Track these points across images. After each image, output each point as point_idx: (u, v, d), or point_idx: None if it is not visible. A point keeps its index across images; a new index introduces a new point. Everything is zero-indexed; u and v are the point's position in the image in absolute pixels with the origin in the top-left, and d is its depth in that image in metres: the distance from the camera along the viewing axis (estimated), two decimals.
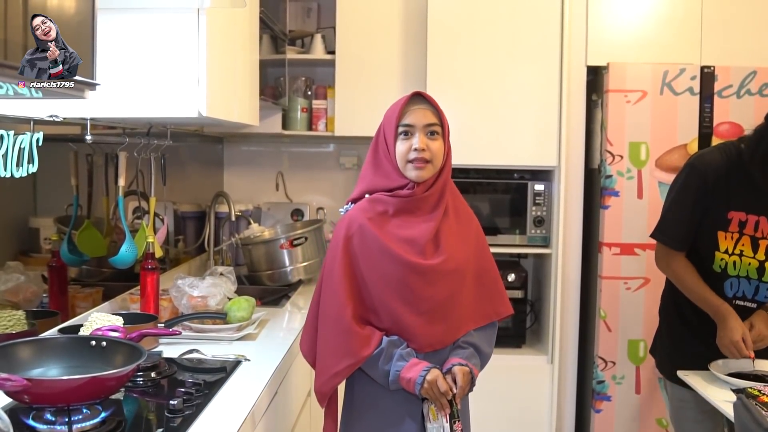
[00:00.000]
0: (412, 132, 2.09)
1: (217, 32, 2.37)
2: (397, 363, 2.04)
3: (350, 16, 3.92)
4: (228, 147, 4.42)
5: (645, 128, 3.55)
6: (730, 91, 3.50)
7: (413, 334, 2.09)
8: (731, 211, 2.56)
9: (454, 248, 2.12)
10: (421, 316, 2.08)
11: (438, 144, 2.10)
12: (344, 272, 2.08)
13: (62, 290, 2.54)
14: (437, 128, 2.11)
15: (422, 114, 2.10)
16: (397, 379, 2.04)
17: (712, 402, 2.31)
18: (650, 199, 3.55)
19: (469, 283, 2.16)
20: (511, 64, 3.71)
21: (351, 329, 2.04)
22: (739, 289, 2.61)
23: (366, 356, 2.04)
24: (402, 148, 2.09)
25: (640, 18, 3.72)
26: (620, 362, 3.63)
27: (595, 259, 3.71)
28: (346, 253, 2.09)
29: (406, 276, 2.06)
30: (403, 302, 2.07)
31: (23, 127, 1.86)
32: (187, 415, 1.83)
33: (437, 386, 2.01)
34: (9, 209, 2.30)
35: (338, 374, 2.07)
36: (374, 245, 2.08)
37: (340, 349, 2.06)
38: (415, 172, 2.08)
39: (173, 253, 3.57)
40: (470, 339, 2.16)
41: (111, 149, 2.66)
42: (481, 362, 2.18)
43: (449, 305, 2.11)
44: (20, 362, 1.78)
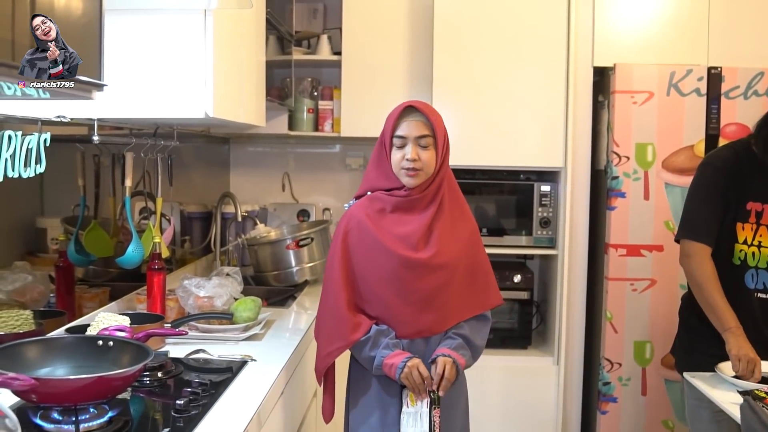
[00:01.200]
0: (405, 143, 2.24)
1: (224, 33, 2.37)
2: (383, 351, 2.22)
3: (356, 17, 3.92)
4: (234, 148, 4.43)
5: (651, 129, 3.55)
6: (737, 92, 3.50)
7: (402, 322, 2.26)
8: (749, 202, 2.61)
9: (446, 243, 2.27)
10: (411, 306, 2.26)
11: (429, 154, 2.24)
12: (342, 264, 2.27)
13: (69, 290, 2.55)
14: (429, 139, 2.24)
15: (414, 126, 2.24)
16: (381, 364, 2.21)
17: (718, 403, 2.31)
18: (657, 200, 3.55)
19: (459, 276, 2.30)
20: (518, 65, 3.71)
21: (343, 315, 2.24)
22: (759, 280, 2.64)
23: (354, 340, 2.23)
24: (396, 157, 2.25)
25: (646, 19, 3.71)
26: (626, 364, 3.62)
27: (602, 260, 3.71)
28: (345, 246, 2.28)
29: (398, 269, 2.23)
30: (394, 293, 2.25)
31: (31, 127, 1.87)
32: (194, 415, 1.83)
33: (417, 371, 2.18)
34: (16, 209, 2.31)
35: (330, 354, 2.27)
36: (369, 240, 2.26)
37: (333, 332, 2.27)
38: (408, 180, 2.25)
39: (180, 253, 3.58)
40: (461, 331, 2.32)
41: (118, 150, 2.67)
42: (472, 354, 2.32)
43: (438, 296, 2.27)
44: (28, 362, 1.78)
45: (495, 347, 3.83)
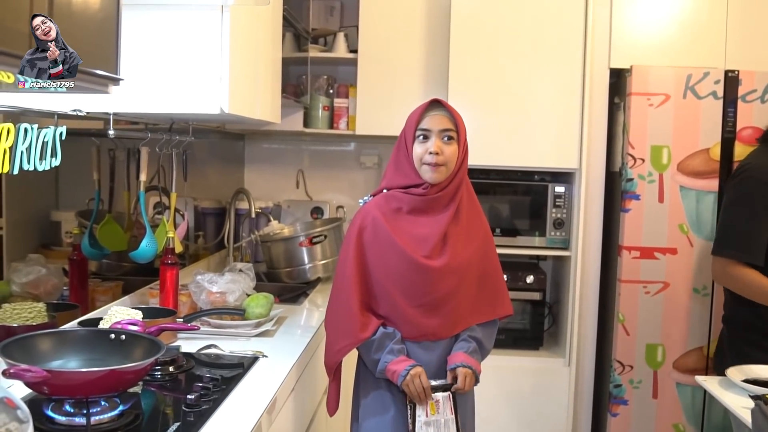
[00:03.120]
0: (429, 136, 2.23)
1: (241, 30, 2.38)
2: (387, 356, 2.23)
3: (373, 15, 3.92)
4: (249, 144, 4.44)
5: (667, 132, 3.53)
6: (754, 95, 3.47)
7: (408, 323, 2.26)
8: None
9: (459, 249, 2.27)
10: (418, 309, 2.26)
11: (452, 148, 2.24)
12: (355, 261, 2.27)
13: (82, 283, 2.56)
14: (453, 133, 2.25)
15: (439, 120, 2.24)
16: (384, 369, 2.23)
17: (729, 408, 2.30)
18: (671, 202, 3.53)
19: (470, 282, 2.30)
20: (534, 66, 3.70)
21: (354, 313, 2.24)
22: None
23: (363, 339, 2.24)
24: (419, 151, 2.24)
25: (664, 21, 3.69)
26: (638, 366, 3.61)
27: (615, 262, 3.69)
28: (359, 243, 2.28)
29: (409, 271, 2.23)
30: (402, 294, 2.25)
31: (47, 120, 1.88)
32: (204, 410, 1.84)
33: (419, 380, 2.19)
34: (31, 202, 2.33)
35: (340, 351, 2.27)
36: (384, 239, 2.26)
37: (343, 329, 2.27)
38: (430, 174, 2.23)
39: (193, 248, 3.59)
40: (474, 334, 2.32)
41: (133, 144, 2.68)
42: (481, 356, 2.35)
43: (446, 303, 2.27)
44: (40, 354, 1.79)
45: (507, 348, 3.83)
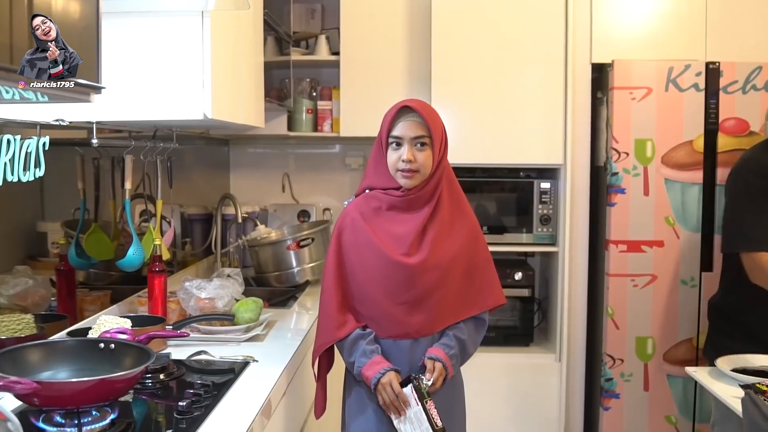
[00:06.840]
0: (401, 143, 2.23)
1: (222, 34, 2.37)
2: (360, 358, 2.23)
3: (354, 17, 3.92)
4: (234, 149, 4.43)
5: (651, 125, 3.54)
6: (735, 86, 3.49)
7: (392, 322, 2.26)
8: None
9: (440, 245, 2.26)
10: (400, 306, 2.25)
11: (426, 154, 2.22)
12: (335, 262, 2.29)
13: (70, 294, 2.55)
14: (425, 139, 2.22)
15: (410, 126, 2.22)
16: (360, 373, 2.24)
17: (719, 398, 2.31)
18: (657, 195, 3.54)
19: (454, 277, 2.28)
20: (516, 63, 3.71)
21: (332, 313, 2.26)
22: None
23: (338, 337, 2.25)
24: (392, 158, 2.24)
25: (644, 15, 3.71)
26: (628, 359, 3.62)
27: (602, 256, 3.71)
28: (338, 244, 2.30)
29: (388, 269, 2.23)
30: (383, 292, 2.24)
31: (30, 131, 1.87)
32: (196, 417, 1.84)
33: (390, 389, 2.18)
34: (16, 214, 2.31)
35: (317, 349, 2.32)
36: (362, 239, 2.26)
37: (321, 328, 2.30)
38: (404, 181, 2.24)
39: (180, 255, 3.58)
40: (459, 334, 2.30)
41: (117, 153, 2.67)
42: (462, 358, 2.33)
43: (428, 298, 2.25)
44: (30, 365, 1.79)
45: (497, 345, 3.83)
